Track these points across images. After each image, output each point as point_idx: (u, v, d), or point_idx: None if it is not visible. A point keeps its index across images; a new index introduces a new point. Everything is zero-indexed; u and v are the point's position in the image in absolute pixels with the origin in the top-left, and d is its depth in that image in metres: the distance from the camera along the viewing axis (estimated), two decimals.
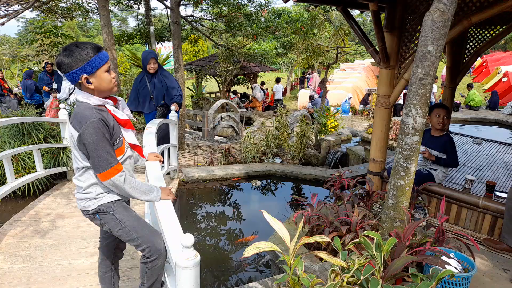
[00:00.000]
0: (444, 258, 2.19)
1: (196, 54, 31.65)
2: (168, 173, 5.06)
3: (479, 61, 24.21)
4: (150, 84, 4.84)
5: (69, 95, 6.56)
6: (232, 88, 16.64)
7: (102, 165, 1.77)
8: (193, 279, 1.66)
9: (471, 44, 5.30)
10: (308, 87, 19.51)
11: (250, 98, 16.05)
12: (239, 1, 11.37)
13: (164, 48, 16.72)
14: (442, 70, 17.68)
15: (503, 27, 5.01)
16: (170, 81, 4.88)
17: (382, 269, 1.60)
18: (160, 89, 4.83)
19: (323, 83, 13.42)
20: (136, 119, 8.48)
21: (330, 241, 1.82)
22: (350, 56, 27.80)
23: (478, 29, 5.23)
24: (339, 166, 6.41)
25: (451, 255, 2.38)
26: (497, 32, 5.10)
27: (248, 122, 13.03)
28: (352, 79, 19.89)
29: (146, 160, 2.54)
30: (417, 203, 3.21)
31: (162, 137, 4.86)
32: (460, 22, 3.27)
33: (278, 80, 16.50)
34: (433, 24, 2.53)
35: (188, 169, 5.52)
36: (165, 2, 10.72)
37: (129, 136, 2.02)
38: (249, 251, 1.75)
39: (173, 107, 4.83)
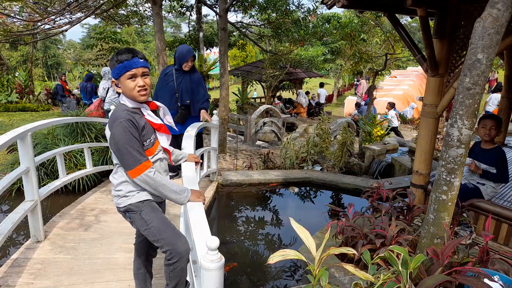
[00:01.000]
0: (486, 280, 2.04)
1: (245, 59, 32.16)
2: (208, 176, 5.17)
3: None
4: (177, 80, 4.57)
5: (106, 93, 6.96)
6: (278, 94, 16.70)
7: (131, 163, 1.85)
8: (217, 281, 1.67)
9: None
10: (355, 93, 19.06)
11: (295, 104, 15.99)
12: (288, 7, 11.38)
13: (214, 54, 17.18)
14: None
15: None
16: (200, 81, 4.69)
17: (407, 286, 1.52)
18: (187, 88, 4.57)
19: (370, 90, 13.05)
20: None
21: (356, 253, 1.76)
22: (402, 63, 26.86)
23: None
24: (378, 177, 6.19)
25: (495, 277, 2.20)
26: None
27: (291, 128, 12.99)
28: (403, 86, 19.16)
29: (185, 161, 2.61)
30: (461, 220, 3.01)
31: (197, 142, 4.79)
32: None
33: (321, 85, 16.34)
34: (484, 31, 2.39)
35: (227, 172, 5.61)
36: (214, 8, 11.02)
37: (162, 140, 2.11)
38: (274, 258, 1.74)
39: (214, 115, 4.84)
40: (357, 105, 13.18)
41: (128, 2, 12.36)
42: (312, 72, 17.99)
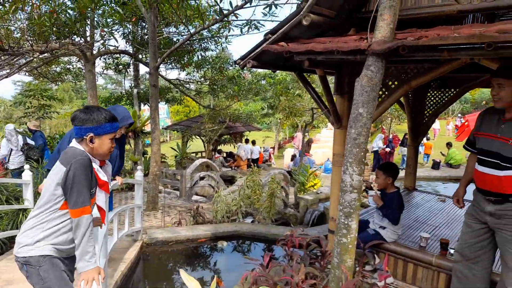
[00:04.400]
0: None
1: (187, 114, 32.48)
2: (132, 235, 4.95)
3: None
4: None
5: (10, 154, 6.48)
6: (219, 147, 16.90)
7: (80, 201, 1.87)
8: None
9: (429, 105, 5.59)
10: (293, 145, 19.88)
11: (235, 157, 16.23)
12: (222, 65, 11.99)
13: (147, 110, 17.20)
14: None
15: (457, 89, 5.34)
16: (123, 150, 4.24)
17: None
18: (114, 158, 3.94)
19: (307, 143, 13.72)
20: None
21: None
22: None
23: (435, 92, 5.54)
24: (295, 225, 6.40)
25: None
26: (452, 94, 5.42)
27: (231, 181, 13.04)
28: None
29: None
30: (365, 262, 3.17)
31: None
32: (401, 86, 3.47)
33: (247, 141, 16.89)
34: (362, 89, 2.72)
35: (153, 230, 5.42)
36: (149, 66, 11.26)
37: (101, 197, 2.14)
38: None
39: (138, 171, 4.72)
40: (293, 156, 13.70)
41: (60, 59, 12.22)
42: (251, 126, 18.59)
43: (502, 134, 2.48)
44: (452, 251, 3.32)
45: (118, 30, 10.89)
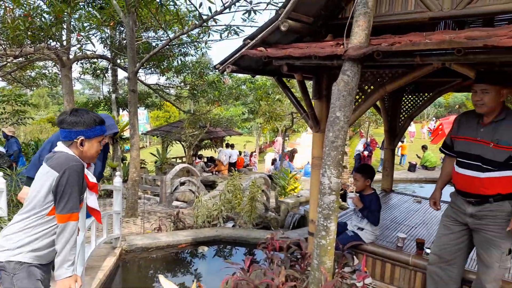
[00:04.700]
0: None
1: (167, 119, 32.20)
2: (110, 243, 4.86)
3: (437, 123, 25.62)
4: None
5: None
6: (199, 152, 16.82)
7: (68, 207, 1.86)
8: None
9: (405, 109, 5.75)
10: (273, 149, 20.00)
11: (216, 162, 16.18)
12: (202, 70, 11.97)
13: (125, 115, 16.97)
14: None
15: (430, 93, 5.52)
16: (106, 158, 4.12)
17: None
18: (98, 166, 3.70)
19: (291, 152, 13.82)
20: None
21: None
22: None
23: (410, 96, 5.71)
24: (275, 228, 6.46)
25: None
26: (425, 98, 5.59)
27: (212, 186, 13.00)
28: None
29: None
30: (344, 263, 3.23)
31: None
32: (377, 90, 3.56)
33: (227, 145, 16.97)
34: (339, 93, 2.78)
35: (133, 237, 5.33)
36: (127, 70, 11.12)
37: (92, 199, 2.15)
38: None
39: (117, 177, 4.70)
40: (274, 161, 13.77)
41: (35, 64, 11.93)
42: (232, 130, 18.60)
43: (482, 137, 2.54)
44: (428, 250, 3.42)
45: (95, 35, 10.74)
